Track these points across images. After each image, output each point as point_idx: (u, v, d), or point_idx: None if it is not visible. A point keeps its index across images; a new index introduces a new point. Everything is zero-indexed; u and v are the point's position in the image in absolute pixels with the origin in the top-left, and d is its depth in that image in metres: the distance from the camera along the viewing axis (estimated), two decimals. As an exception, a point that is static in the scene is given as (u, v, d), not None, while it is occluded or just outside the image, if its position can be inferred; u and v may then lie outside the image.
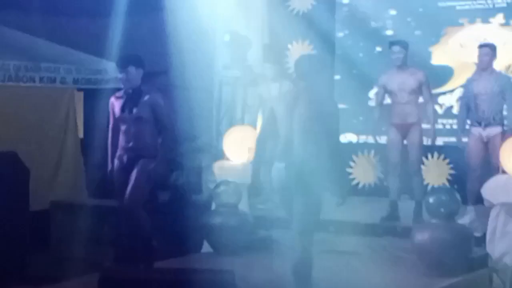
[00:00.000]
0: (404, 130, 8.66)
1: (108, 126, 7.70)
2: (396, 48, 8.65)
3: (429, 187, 9.75)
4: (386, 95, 8.89)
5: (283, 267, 7.77)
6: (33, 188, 8.10)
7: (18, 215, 7.77)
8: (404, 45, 8.67)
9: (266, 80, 9.91)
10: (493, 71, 8.54)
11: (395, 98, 8.68)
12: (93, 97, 11.62)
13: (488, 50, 8.48)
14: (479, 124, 8.46)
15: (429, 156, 10.26)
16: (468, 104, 8.60)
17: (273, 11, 11.44)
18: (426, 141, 8.79)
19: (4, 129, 9.76)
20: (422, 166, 9.33)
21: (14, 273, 7.51)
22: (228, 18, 10.99)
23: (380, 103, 8.93)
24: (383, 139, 9.04)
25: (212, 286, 5.08)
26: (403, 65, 8.63)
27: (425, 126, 8.77)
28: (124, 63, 7.56)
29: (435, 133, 8.74)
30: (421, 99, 8.71)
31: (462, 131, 8.74)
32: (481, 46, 8.57)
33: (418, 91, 8.61)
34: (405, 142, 8.73)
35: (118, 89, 7.82)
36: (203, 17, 11.53)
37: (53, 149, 10.70)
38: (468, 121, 8.75)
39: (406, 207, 9.15)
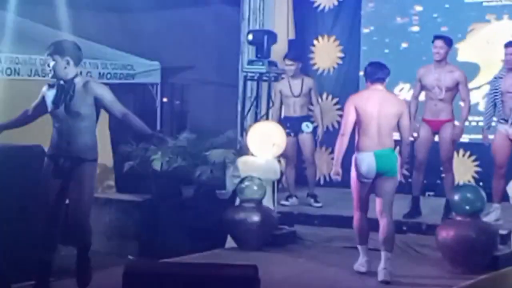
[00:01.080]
0: (436, 127, 8.60)
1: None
2: (438, 43, 8.59)
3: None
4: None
5: (307, 263, 7.79)
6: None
7: (44, 208, 7.79)
8: (447, 41, 8.61)
9: (287, 77, 9.93)
10: None
11: (429, 94, 8.62)
12: (118, 91, 11.67)
13: None
14: (506, 121, 8.40)
15: (455, 153, 10.19)
16: (495, 101, 8.54)
17: (298, 7, 11.44)
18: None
19: (32, 123, 9.81)
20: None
21: (41, 266, 7.55)
22: (253, 13, 10.99)
23: (415, 97, 8.86)
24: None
25: (236, 281, 5.08)
26: (442, 61, 8.56)
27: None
28: (51, 50, 6.57)
29: (462, 132, 8.67)
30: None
31: (488, 128, 8.68)
32: (508, 45, 8.49)
33: (453, 89, 8.54)
34: (436, 139, 8.68)
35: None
36: (229, 12, 11.55)
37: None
38: (495, 118, 8.69)
39: (431, 204, 9.13)
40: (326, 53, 11.44)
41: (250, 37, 10.24)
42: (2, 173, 7.38)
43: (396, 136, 7.39)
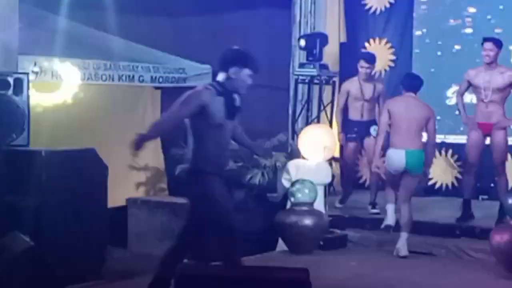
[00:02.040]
0: (488, 130, 8.50)
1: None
2: (488, 45, 8.51)
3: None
4: (467, 92, 8.77)
5: (358, 267, 7.76)
6: (111, 185, 8.22)
7: (97, 211, 7.89)
8: (497, 43, 8.53)
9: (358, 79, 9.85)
10: None
11: (480, 96, 8.53)
12: (171, 95, 11.73)
13: None
14: None
15: (509, 156, 10.06)
16: None
17: (350, 9, 11.40)
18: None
19: (84, 126, 9.93)
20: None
21: (92, 268, 7.63)
22: (304, 17, 10.98)
23: (461, 94, 8.77)
24: (460, 139, 8.93)
25: (287, 285, 5.08)
26: (492, 64, 8.47)
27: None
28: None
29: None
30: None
31: None
32: None
33: (504, 90, 8.44)
34: (488, 142, 8.58)
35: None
36: (279, 15, 11.55)
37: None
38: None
39: (485, 208, 9.02)
40: (378, 55, 11.36)
41: (303, 42, 10.20)
42: (57, 177, 7.48)
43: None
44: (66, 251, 7.34)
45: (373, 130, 9.56)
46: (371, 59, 9.92)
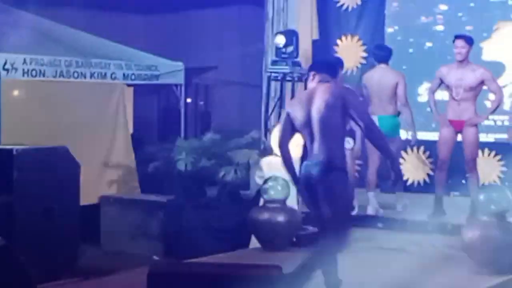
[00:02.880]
0: (459, 127, 8.55)
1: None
2: (459, 42, 8.53)
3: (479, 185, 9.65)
4: (440, 89, 8.83)
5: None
6: (83, 183, 8.19)
7: (69, 209, 7.86)
8: (469, 40, 8.54)
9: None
10: None
11: (451, 94, 8.57)
12: (143, 92, 11.73)
13: None
14: (531, 120, 8.34)
15: (480, 153, 10.14)
16: None
17: (322, 7, 11.42)
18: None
19: (56, 124, 9.88)
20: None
21: (64, 266, 7.59)
22: (277, 14, 10.99)
23: (432, 91, 8.83)
24: (431, 136, 8.98)
25: (260, 282, 5.08)
26: (464, 61, 8.51)
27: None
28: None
29: (481, 119, 8.60)
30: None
31: None
32: None
33: (476, 88, 8.49)
34: (459, 139, 8.63)
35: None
36: (252, 12, 11.56)
37: (103, 145, 10.81)
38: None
39: (456, 204, 9.07)
40: (349, 52, 11.39)
41: (281, 40, 10.21)
42: (28, 175, 7.43)
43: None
44: (38, 249, 7.30)
45: (347, 143, 9.24)
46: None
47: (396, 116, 9.01)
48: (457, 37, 8.62)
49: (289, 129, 6.16)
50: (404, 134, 9.51)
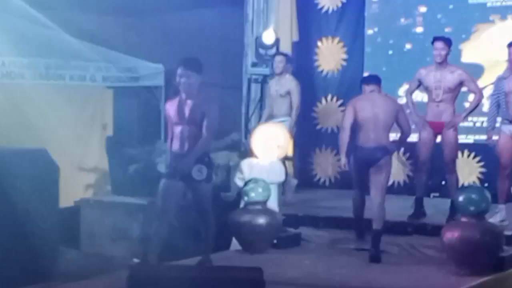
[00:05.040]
0: (439, 128, 8.58)
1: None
2: (439, 44, 8.55)
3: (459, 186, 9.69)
4: (419, 90, 8.86)
5: (312, 265, 7.78)
6: (62, 185, 8.16)
7: (48, 212, 7.82)
8: (447, 42, 8.57)
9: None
10: None
11: (430, 96, 8.60)
12: (123, 95, 11.67)
13: None
14: (510, 122, 8.37)
15: (460, 154, 10.19)
16: (498, 102, 8.51)
17: (302, 8, 11.44)
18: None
19: (35, 126, 9.84)
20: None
21: (43, 269, 7.56)
22: (257, 16, 11.00)
23: (410, 92, 8.84)
24: (411, 137, 9.01)
25: (241, 284, 5.08)
26: (443, 63, 8.53)
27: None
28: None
29: (460, 119, 8.62)
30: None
31: (492, 128, 8.66)
32: (510, 45, 8.47)
33: (455, 89, 8.52)
34: (438, 140, 8.66)
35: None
36: (232, 14, 11.55)
37: (79, 147, 10.78)
38: (499, 119, 8.67)
39: (436, 205, 9.11)
40: (330, 54, 11.43)
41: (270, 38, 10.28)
42: (7, 177, 7.39)
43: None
44: (17, 252, 7.26)
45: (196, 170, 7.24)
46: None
47: None
48: (436, 39, 8.66)
49: (352, 118, 7.94)
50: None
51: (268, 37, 10.54)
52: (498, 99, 8.50)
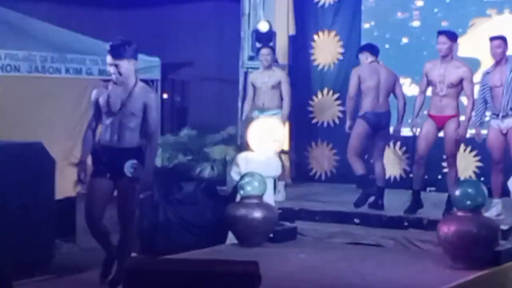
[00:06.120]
0: (441, 122, 8.56)
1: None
2: (441, 38, 8.50)
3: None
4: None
5: (308, 259, 7.79)
6: (58, 178, 8.14)
7: (44, 205, 7.80)
8: (451, 36, 8.52)
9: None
10: (507, 61, 8.39)
11: (435, 89, 8.58)
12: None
13: (501, 42, 8.37)
14: (497, 116, 8.36)
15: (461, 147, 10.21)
16: (485, 96, 8.50)
17: (299, 2, 11.42)
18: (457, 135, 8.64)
19: (31, 119, 9.82)
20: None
21: (39, 263, 7.55)
22: (253, 9, 10.98)
23: (422, 92, 8.81)
24: (408, 131, 9.01)
25: (237, 278, 5.07)
26: (447, 57, 8.49)
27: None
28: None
29: (466, 130, 8.60)
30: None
31: (480, 124, 8.63)
32: (493, 39, 8.45)
33: (458, 85, 8.48)
34: (441, 134, 8.64)
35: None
36: (229, 7, 11.53)
37: (75, 140, 10.75)
38: (488, 114, 8.66)
39: (432, 199, 9.11)
40: (326, 48, 11.42)
41: (265, 26, 10.29)
42: (2, 170, 7.37)
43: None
44: (12, 246, 7.24)
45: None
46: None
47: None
48: (439, 33, 8.62)
49: (357, 86, 8.94)
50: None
51: (262, 26, 10.55)
52: (485, 94, 8.48)
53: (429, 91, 8.72)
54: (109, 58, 6.38)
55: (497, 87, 8.30)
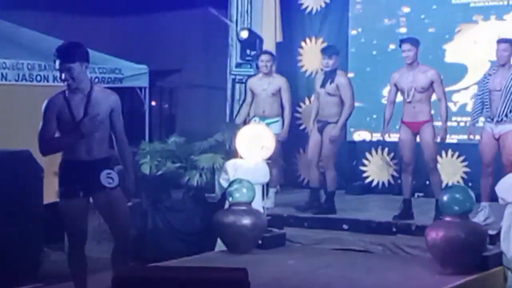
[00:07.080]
0: (416, 128, 8.61)
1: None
2: (406, 46, 8.58)
3: (443, 185, 9.71)
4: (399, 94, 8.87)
5: (296, 265, 7.79)
6: (46, 186, 8.13)
7: (33, 213, 7.79)
8: (414, 42, 8.59)
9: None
10: (510, 67, 8.41)
11: (406, 97, 8.63)
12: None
13: (508, 46, 8.37)
14: (492, 120, 8.39)
15: (443, 154, 10.24)
16: (483, 100, 8.52)
17: (286, 9, 11.44)
18: (436, 139, 8.70)
19: (18, 128, 9.79)
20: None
21: (28, 271, 7.53)
22: (241, 16, 11.00)
23: (392, 102, 8.88)
24: (395, 137, 9.03)
25: (225, 285, 5.07)
26: (414, 63, 8.56)
27: (438, 123, 8.72)
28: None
29: (446, 132, 8.65)
30: (434, 97, 8.66)
31: (474, 125, 8.67)
32: (500, 42, 8.47)
33: (428, 89, 8.55)
34: (418, 140, 8.68)
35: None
36: (216, 15, 11.54)
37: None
38: (482, 118, 8.70)
39: (420, 205, 9.14)
40: (314, 55, 11.43)
41: (245, 34, 10.26)
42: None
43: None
44: (0, 254, 7.23)
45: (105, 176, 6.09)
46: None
47: None
48: (402, 41, 8.70)
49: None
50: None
51: (243, 33, 10.57)
52: (483, 96, 8.48)
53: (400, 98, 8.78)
54: (58, 63, 5.74)
55: (497, 91, 8.31)
